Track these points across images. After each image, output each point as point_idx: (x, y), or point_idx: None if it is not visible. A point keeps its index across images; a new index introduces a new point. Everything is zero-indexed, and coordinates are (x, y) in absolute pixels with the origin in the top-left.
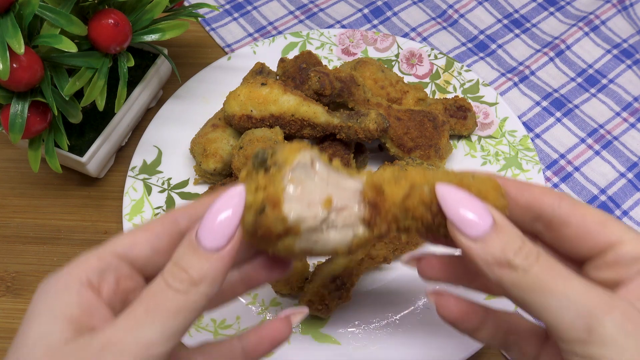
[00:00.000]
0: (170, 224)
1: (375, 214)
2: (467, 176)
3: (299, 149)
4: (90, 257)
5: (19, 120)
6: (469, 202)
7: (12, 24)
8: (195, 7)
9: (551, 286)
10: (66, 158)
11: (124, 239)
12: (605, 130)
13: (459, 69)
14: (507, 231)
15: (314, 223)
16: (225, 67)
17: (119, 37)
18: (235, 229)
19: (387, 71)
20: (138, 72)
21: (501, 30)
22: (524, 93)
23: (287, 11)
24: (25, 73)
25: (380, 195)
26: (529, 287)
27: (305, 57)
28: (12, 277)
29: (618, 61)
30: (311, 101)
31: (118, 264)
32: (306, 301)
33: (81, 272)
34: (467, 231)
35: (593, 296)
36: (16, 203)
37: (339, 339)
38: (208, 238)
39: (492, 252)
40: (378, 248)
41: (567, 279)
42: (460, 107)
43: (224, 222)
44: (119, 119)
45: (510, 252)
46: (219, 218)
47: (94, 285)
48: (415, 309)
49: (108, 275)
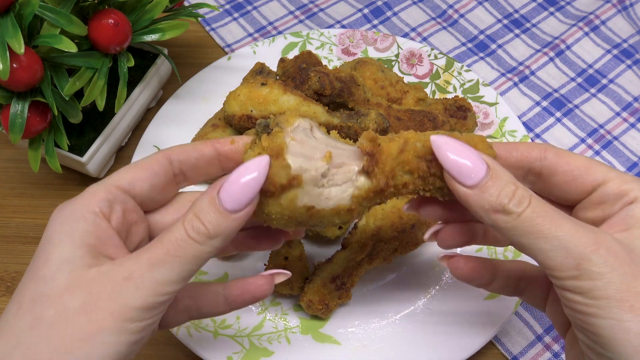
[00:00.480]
0: (165, 163)
1: (373, 163)
2: (455, 134)
3: (299, 115)
4: (99, 189)
5: (19, 120)
6: (463, 150)
7: (12, 24)
8: (195, 7)
9: (542, 229)
10: (66, 158)
11: (125, 175)
12: (605, 130)
13: (459, 69)
14: (501, 177)
15: (316, 174)
16: (225, 67)
17: (119, 37)
18: (254, 197)
19: (387, 71)
20: (138, 72)
21: (501, 30)
22: (524, 93)
23: (287, 11)
24: (25, 73)
25: (377, 147)
26: (522, 231)
27: (305, 57)
28: (12, 277)
29: (618, 61)
30: (311, 101)
31: (124, 197)
32: (306, 301)
33: (94, 203)
34: (464, 180)
35: (581, 235)
36: (16, 203)
37: (339, 339)
38: (229, 201)
39: (488, 198)
40: (378, 248)
41: (557, 221)
42: (460, 107)
43: (245, 189)
44: (119, 119)
45: (505, 197)
46: (241, 184)
47: (106, 215)
48: (415, 309)
49: (116, 206)
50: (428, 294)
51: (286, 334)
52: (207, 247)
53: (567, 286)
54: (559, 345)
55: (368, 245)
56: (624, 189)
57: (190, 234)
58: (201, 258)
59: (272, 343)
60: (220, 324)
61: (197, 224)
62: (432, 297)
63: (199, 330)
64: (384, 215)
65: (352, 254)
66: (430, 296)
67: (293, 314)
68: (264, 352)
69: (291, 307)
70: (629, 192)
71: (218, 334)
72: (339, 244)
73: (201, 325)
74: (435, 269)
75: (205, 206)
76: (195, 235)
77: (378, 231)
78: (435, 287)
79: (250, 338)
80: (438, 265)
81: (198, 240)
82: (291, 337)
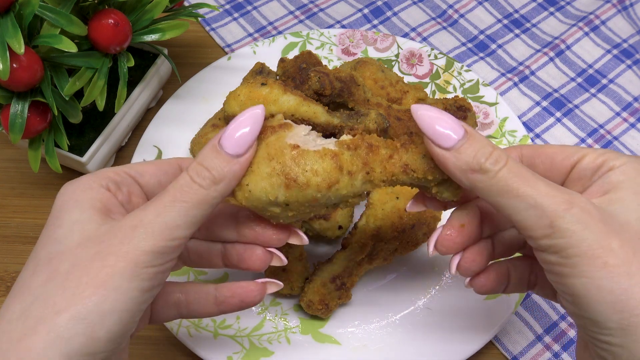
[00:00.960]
0: (175, 166)
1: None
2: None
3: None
4: (107, 170)
5: (19, 120)
6: (441, 116)
7: (12, 24)
8: (195, 7)
9: (518, 188)
10: (66, 158)
11: (135, 166)
12: (605, 130)
13: (459, 69)
14: (478, 139)
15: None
16: (225, 67)
17: (119, 37)
18: (254, 141)
19: (387, 71)
20: (138, 72)
21: (501, 30)
22: (524, 93)
23: (287, 11)
24: (25, 73)
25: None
26: (498, 191)
27: (305, 57)
28: (12, 277)
29: (618, 61)
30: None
31: (131, 181)
32: (306, 301)
33: (101, 179)
34: (442, 142)
35: (555, 195)
36: (16, 203)
37: (339, 339)
38: (230, 146)
39: (465, 159)
40: (378, 248)
41: (532, 181)
42: (460, 107)
43: (245, 134)
44: (119, 119)
45: (482, 157)
46: (240, 130)
47: (112, 191)
48: (415, 309)
49: (122, 187)
50: (428, 294)
51: (286, 334)
52: (212, 191)
53: (542, 246)
54: (559, 345)
55: (368, 245)
56: (599, 161)
57: (195, 179)
58: (207, 203)
59: (272, 343)
60: (220, 324)
61: (201, 169)
62: (432, 297)
63: (199, 330)
64: (384, 215)
65: (352, 254)
66: (430, 296)
67: (293, 314)
68: (264, 352)
69: (291, 307)
70: (605, 162)
71: (218, 334)
72: (339, 244)
73: (201, 325)
74: (435, 269)
75: (208, 153)
76: (200, 180)
77: (378, 231)
78: (435, 287)
79: (250, 338)
80: (438, 265)
81: (203, 185)
82: (291, 337)
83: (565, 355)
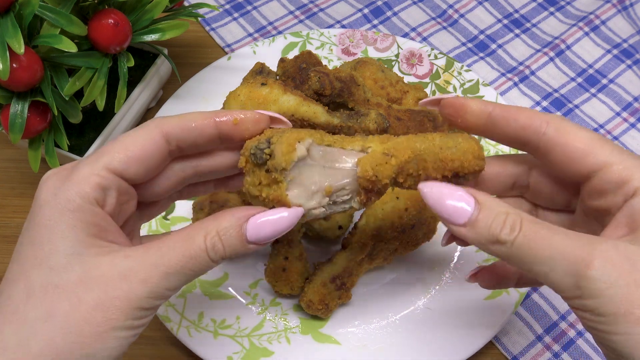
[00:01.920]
0: (161, 143)
1: (368, 198)
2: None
3: (294, 146)
4: (92, 174)
5: (19, 120)
6: (450, 193)
7: (12, 24)
8: (195, 7)
9: (536, 253)
10: (66, 158)
11: (118, 155)
12: (605, 130)
13: (459, 69)
14: (490, 208)
15: (319, 212)
16: (225, 67)
17: (119, 37)
18: (272, 240)
19: (387, 71)
20: (138, 72)
21: (501, 30)
22: (524, 93)
23: (287, 11)
24: (25, 73)
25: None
26: (520, 258)
27: (305, 57)
28: None
29: (618, 61)
30: (311, 101)
31: (117, 181)
32: (306, 301)
33: (89, 192)
34: (456, 220)
35: (575, 249)
36: (16, 203)
37: (339, 339)
38: (254, 238)
39: (481, 232)
40: (378, 248)
41: (549, 241)
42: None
43: (268, 234)
44: (119, 119)
45: (497, 228)
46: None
47: (100, 202)
48: (415, 309)
49: (110, 191)
50: (428, 294)
51: (286, 334)
52: (216, 263)
53: (576, 305)
54: (559, 346)
55: (368, 245)
56: (623, 176)
57: (210, 254)
58: (208, 270)
59: (272, 343)
60: (220, 324)
61: (219, 245)
62: (432, 297)
63: (199, 330)
64: (384, 215)
65: (352, 254)
66: (430, 296)
67: (293, 314)
68: (264, 352)
69: (291, 307)
70: (629, 181)
71: (218, 334)
72: (339, 244)
73: (201, 325)
74: (435, 269)
75: (231, 230)
76: (214, 255)
77: (378, 231)
78: (435, 287)
79: (250, 338)
80: (438, 265)
81: (215, 260)
82: (291, 337)
83: (565, 355)
